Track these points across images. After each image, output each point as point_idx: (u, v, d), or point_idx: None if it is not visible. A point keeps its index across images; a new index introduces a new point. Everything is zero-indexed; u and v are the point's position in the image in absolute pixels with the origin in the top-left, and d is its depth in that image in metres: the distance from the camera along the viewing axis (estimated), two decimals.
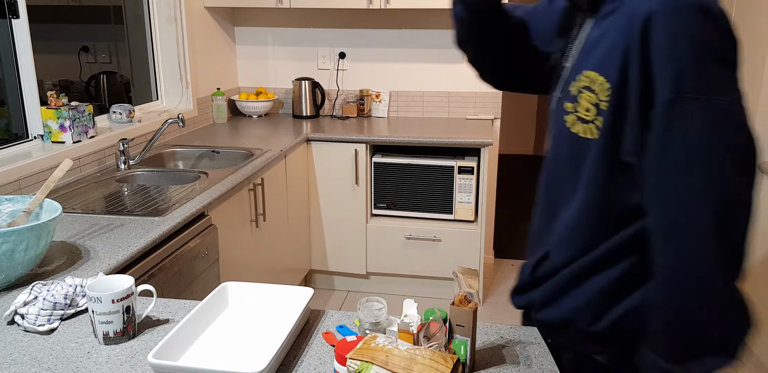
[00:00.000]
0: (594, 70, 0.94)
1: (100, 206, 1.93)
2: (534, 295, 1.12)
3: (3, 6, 2.09)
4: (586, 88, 0.96)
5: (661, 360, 0.96)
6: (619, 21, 0.92)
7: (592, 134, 0.96)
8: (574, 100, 0.99)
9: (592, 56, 0.96)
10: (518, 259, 3.79)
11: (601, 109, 0.94)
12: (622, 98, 0.91)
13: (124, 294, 1.11)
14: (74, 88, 3.07)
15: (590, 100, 0.95)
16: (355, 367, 0.92)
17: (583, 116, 0.97)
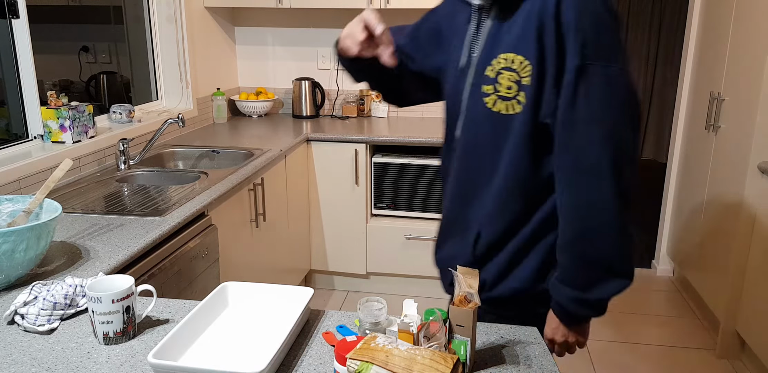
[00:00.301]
0: (511, 52, 1.09)
1: (100, 206, 1.93)
2: (485, 274, 1.21)
3: (3, 6, 2.09)
4: (505, 69, 1.09)
5: (573, 290, 1.13)
6: (527, 10, 1.07)
7: (514, 110, 1.10)
8: (494, 81, 1.11)
9: (503, 42, 1.10)
10: None
11: (522, 85, 1.09)
12: (542, 70, 1.07)
13: (124, 294, 1.11)
14: (74, 88, 3.07)
15: (511, 78, 1.09)
16: (355, 367, 0.92)
17: (504, 94, 1.10)
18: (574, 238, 1.11)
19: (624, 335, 2.89)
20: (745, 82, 2.56)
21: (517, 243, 1.18)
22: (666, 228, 3.52)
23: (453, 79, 1.23)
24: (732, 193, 2.63)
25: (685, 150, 3.32)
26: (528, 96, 1.08)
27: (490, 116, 1.13)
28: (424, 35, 1.32)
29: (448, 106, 1.26)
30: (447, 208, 1.28)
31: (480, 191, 1.19)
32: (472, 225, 1.21)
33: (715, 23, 2.97)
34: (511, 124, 1.11)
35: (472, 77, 1.16)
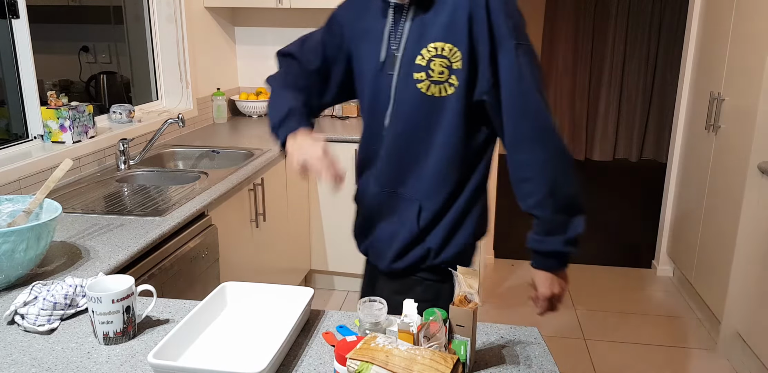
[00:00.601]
0: (440, 41, 1.22)
1: (100, 206, 1.93)
2: (429, 244, 1.34)
3: (3, 6, 2.08)
4: (436, 56, 1.23)
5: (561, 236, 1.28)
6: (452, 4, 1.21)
7: (446, 92, 1.24)
8: (426, 68, 1.24)
9: (430, 33, 1.23)
10: (518, 259, 3.79)
11: (453, 69, 1.23)
12: (473, 54, 1.21)
13: (124, 294, 1.11)
14: (74, 88, 3.07)
15: (442, 64, 1.23)
16: (355, 367, 0.92)
17: (437, 79, 1.24)
18: (549, 191, 1.25)
19: (624, 335, 2.89)
20: (745, 82, 2.56)
21: (456, 211, 1.33)
22: (666, 228, 3.52)
23: (372, 75, 1.33)
24: (732, 193, 2.63)
25: (685, 150, 3.32)
26: (460, 78, 1.23)
27: (425, 100, 1.26)
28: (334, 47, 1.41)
29: (370, 99, 1.35)
30: (374, 193, 1.38)
31: (415, 169, 1.31)
32: (411, 201, 1.33)
33: (715, 23, 2.97)
34: (444, 105, 1.25)
35: (399, 68, 1.27)
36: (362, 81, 1.37)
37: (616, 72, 6.25)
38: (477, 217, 1.36)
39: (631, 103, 6.34)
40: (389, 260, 1.39)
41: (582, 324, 2.98)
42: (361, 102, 1.40)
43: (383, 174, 1.36)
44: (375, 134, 1.36)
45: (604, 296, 3.30)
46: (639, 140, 6.43)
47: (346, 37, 1.38)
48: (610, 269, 3.68)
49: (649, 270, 3.65)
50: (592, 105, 6.41)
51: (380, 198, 1.38)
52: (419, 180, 1.32)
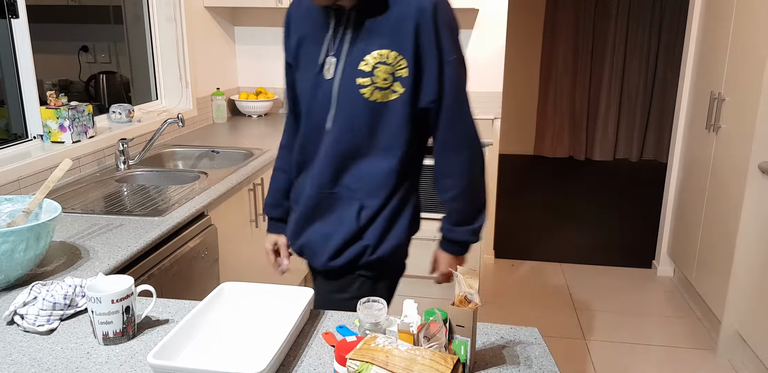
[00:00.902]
0: (385, 49, 1.26)
1: (100, 206, 1.93)
2: (366, 241, 1.40)
3: (3, 6, 2.08)
4: (380, 63, 1.27)
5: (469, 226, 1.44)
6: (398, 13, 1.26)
7: (388, 97, 1.29)
8: (370, 74, 1.28)
9: (375, 41, 1.27)
10: (518, 259, 3.79)
11: (397, 77, 1.28)
12: (419, 63, 1.27)
13: (124, 294, 1.11)
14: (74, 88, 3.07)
15: (386, 71, 1.27)
16: (355, 367, 0.92)
17: (381, 85, 1.28)
18: (466, 187, 1.40)
19: (624, 335, 2.89)
20: (746, 82, 2.56)
21: (392, 208, 1.40)
22: (666, 228, 3.52)
23: (312, 78, 1.35)
24: (732, 193, 2.63)
25: (686, 150, 3.32)
26: (405, 85, 1.28)
27: (368, 105, 1.30)
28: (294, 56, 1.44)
29: (310, 102, 1.37)
30: (310, 194, 1.40)
31: (356, 170, 1.36)
32: (350, 201, 1.38)
33: (716, 23, 2.96)
34: (388, 110, 1.30)
35: (342, 72, 1.30)
36: (302, 84, 1.39)
37: (616, 72, 6.25)
38: (411, 213, 1.45)
39: (632, 103, 6.34)
40: (326, 258, 1.42)
41: (582, 324, 2.98)
42: (301, 104, 1.41)
43: (321, 176, 1.38)
44: (314, 136, 1.39)
45: (604, 296, 3.29)
46: (639, 140, 6.43)
47: (294, 43, 1.40)
48: (610, 269, 3.68)
49: (649, 270, 3.65)
50: (593, 105, 6.41)
51: (317, 199, 1.40)
52: (361, 181, 1.37)
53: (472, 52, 3.43)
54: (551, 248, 3.99)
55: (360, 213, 1.38)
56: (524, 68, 6.46)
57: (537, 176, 5.86)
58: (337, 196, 1.39)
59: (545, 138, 6.58)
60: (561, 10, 6.16)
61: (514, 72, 6.44)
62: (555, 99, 6.44)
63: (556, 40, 6.25)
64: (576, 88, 6.38)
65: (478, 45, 3.41)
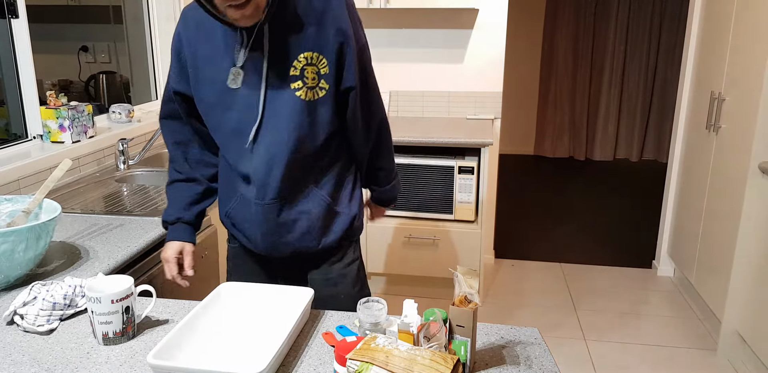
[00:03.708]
0: (308, 51, 1.32)
1: (100, 206, 1.92)
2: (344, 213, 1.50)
3: (3, 6, 2.08)
4: (308, 64, 1.33)
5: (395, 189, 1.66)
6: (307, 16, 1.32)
7: (318, 95, 1.36)
8: (301, 77, 1.33)
9: (297, 46, 1.32)
10: (518, 259, 3.79)
11: (321, 74, 1.34)
12: (341, 57, 1.35)
13: (124, 294, 1.11)
14: (73, 88, 3.07)
15: (313, 71, 1.34)
16: (355, 367, 0.91)
17: (310, 85, 1.34)
18: (389, 155, 1.58)
19: (624, 335, 2.89)
20: (746, 81, 2.56)
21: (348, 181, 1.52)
22: (666, 228, 3.52)
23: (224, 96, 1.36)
24: (733, 193, 2.63)
25: (686, 150, 3.32)
26: (329, 81, 1.36)
27: (304, 105, 1.35)
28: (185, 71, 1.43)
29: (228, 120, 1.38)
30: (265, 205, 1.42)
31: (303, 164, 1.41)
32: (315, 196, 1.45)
33: (716, 23, 2.96)
34: (319, 106, 1.37)
35: (267, 80, 1.33)
36: (212, 104, 1.38)
37: (616, 72, 6.25)
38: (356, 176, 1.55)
39: (632, 103, 6.34)
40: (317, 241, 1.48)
41: (582, 324, 2.98)
42: (213, 125, 1.41)
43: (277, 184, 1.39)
44: (242, 152, 1.39)
45: (604, 296, 3.29)
46: (639, 140, 6.43)
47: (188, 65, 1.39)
48: (610, 269, 3.67)
49: (650, 270, 3.65)
50: (593, 105, 6.41)
51: (276, 206, 1.42)
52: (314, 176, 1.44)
53: (472, 52, 3.43)
54: (551, 248, 3.99)
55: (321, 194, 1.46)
56: (524, 68, 6.46)
57: (537, 176, 5.86)
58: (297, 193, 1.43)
59: (545, 138, 6.58)
60: (561, 10, 6.16)
61: (514, 72, 6.44)
62: (555, 99, 6.44)
63: (556, 40, 6.25)
64: (576, 88, 6.38)
65: (478, 45, 3.41)
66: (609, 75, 6.26)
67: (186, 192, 1.53)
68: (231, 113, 1.37)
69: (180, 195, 1.53)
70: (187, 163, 1.53)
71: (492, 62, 3.43)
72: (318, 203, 1.45)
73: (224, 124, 1.39)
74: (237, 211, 1.47)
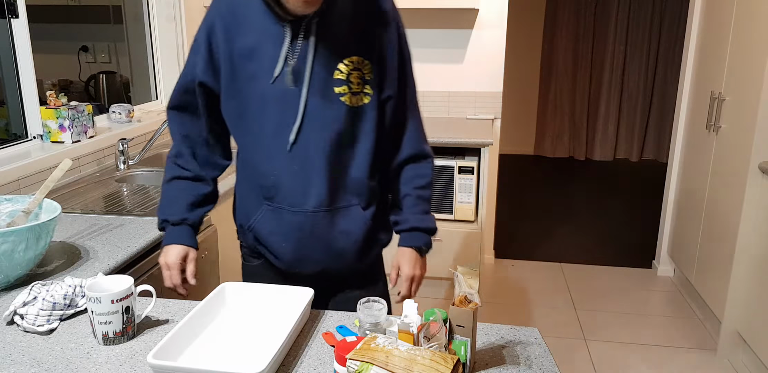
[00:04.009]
0: (354, 55, 1.27)
1: (100, 206, 1.92)
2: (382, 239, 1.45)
3: (3, 6, 2.08)
4: (354, 70, 1.28)
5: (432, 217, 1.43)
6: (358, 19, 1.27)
7: (363, 101, 1.30)
8: (346, 82, 1.28)
9: (344, 48, 1.27)
10: (518, 259, 3.79)
11: (366, 80, 1.29)
12: (382, 64, 1.31)
13: (124, 294, 1.11)
14: (73, 87, 3.07)
15: (358, 76, 1.29)
16: (355, 367, 0.91)
17: (355, 90, 1.29)
18: (432, 161, 1.43)
19: (624, 335, 2.89)
20: (746, 81, 2.56)
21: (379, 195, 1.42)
22: (666, 228, 3.52)
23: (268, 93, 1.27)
24: (732, 193, 2.63)
25: (686, 150, 3.32)
26: (373, 87, 1.31)
27: (348, 111, 1.29)
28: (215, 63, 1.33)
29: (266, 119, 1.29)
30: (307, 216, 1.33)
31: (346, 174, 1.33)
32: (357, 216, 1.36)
33: (716, 23, 2.96)
34: (364, 113, 1.31)
35: (310, 83, 1.27)
36: (249, 102, 1.29)
37: (616, 72, 6.25)
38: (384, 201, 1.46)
39: (632, 103, 6.34)
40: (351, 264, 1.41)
41: (582, 324, 2.98)
42: (246, 124, 1.32)
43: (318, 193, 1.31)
44: (278, 155, 1.30)
45: (604, 296, 3.29)
46: (639, 140, 6.43)
47: (221, 56, 1.30)
48: (610, 269, 3.67)
49: (650, 270, 3.65)
50: (593, 105, 6.41)
51: (313, 218, 1.32)
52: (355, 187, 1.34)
53: (472, 52, 3.43)
54: (551, 248, 3.99)
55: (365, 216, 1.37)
56: (524, 68, 6.46)
57: (537, 176, 5.86)
58: (336, 209, 1.34)
59: (545, 138, 6.58)
60: (561, 10, 6.16)
61: (514, 72, 6.44)
62: (555, 99, 6.44)
63: (556, 40, 6.25)
64: (576, 88, 6.38)
65: (478, 45, 3.41)
66: (609, 75, 6.26)
67: (191, 191, 1.41)
68: (270, 113, 1.28)
69: (184, 194, 1.41)
70: (195, 161, 1.42)
71: (492, 62, 3.43)
72: (360, 225, 1.36)
73: (261, 123, 1.29)
74: (264, 223, 1.37)
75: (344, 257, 1.38)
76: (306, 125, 1.28)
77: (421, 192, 1.40)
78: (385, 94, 1.33)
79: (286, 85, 1.27)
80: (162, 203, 1.42)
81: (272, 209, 1.34)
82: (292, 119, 1.28)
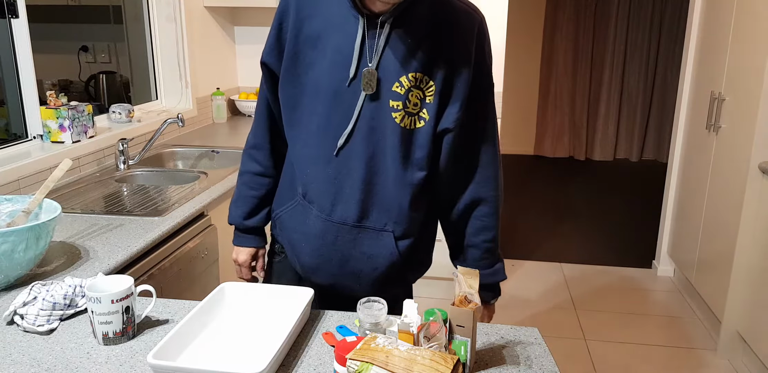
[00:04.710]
0: (419, 72, 1.16)
1: (100, 206, 1.92)
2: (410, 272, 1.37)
3: (3, 6, 2.08)
4: (414, 87, 1.17)
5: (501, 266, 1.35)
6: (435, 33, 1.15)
7: (417, 124, 1.19)
8: (404, 98, 1.17)
9: (411, 61, 1.15)
10: (518, 259, 3.79)
11: (425, 103, 1.18)
12: (448, 90, 1.17)
13: (124, 294, 1.11)
14: (73, 87, 3.07)
15: (418, 96, 1.17)
16: (355, 367, 0.91)
17: (411, 111, 1.18)
18: (497, 209, 1.30)
19: (624, 335, 2.89)
20: (746, 81, 2.56)
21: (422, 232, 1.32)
22: (666, 228, 3.52)
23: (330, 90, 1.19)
24: (732, 193, 2.63)
25: (686, 150, 3.32)
26: (430, 112, 1.18)
27: (396, 129, 1.18)
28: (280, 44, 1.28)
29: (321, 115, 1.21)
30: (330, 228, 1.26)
31: (383, 195, 1.24)
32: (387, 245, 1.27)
33: (716, 23, 2.96)
34: (415, 136, 1.20)
35: (370, 91, 1.17)
36: (305, 91, 1.22)
37: (616, 72, 6.25)
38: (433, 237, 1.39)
39: (632, 103, 6.34)
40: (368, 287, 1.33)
41: (582, 324, 2.98)
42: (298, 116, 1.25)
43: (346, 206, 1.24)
44: (324, 156, 1.23)
45: (604, 296, 3.29)
46: (639, 140, 6.43)
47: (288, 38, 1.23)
48: (610, 269, 3.67)
49: (650, 270, 3.65)
50: (593, 105, 6.41)
51: (339, 229, 1.26)
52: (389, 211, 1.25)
53: None
54: (551, 248, 3.99)
55: (395, 246, 1.28)
56: (524, 68, 6.46)
57: (537, 176, 5.86)
58: (364, 228, 1.26)
59: (545, 138, 6.58)
60: (561, 10, 6.16)
61: (514, 72, 6.44)
62: (555, 99, 6.43)
63: (556, 40, 6.25)
64: (576, 88, 6.38)
65: None
66: (609, 75, 6.26)
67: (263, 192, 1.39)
68: (322, 109, 1.20)
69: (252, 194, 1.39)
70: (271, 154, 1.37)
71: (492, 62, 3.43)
72: (386, 253, 1.27)
73: (310, 118, 1.22)
74: (290, 215, 1.32)
75: (360, 280, 1.31)
76: (357, 132, 1.19)
77: (489, 245, 1.30)
78: (443, 126, 1.19)
79: (345, 84, 1.18)
80: (234, 199, 1.43)
81: (303, 205, 1.30)
82: (345, 122, 1.19)
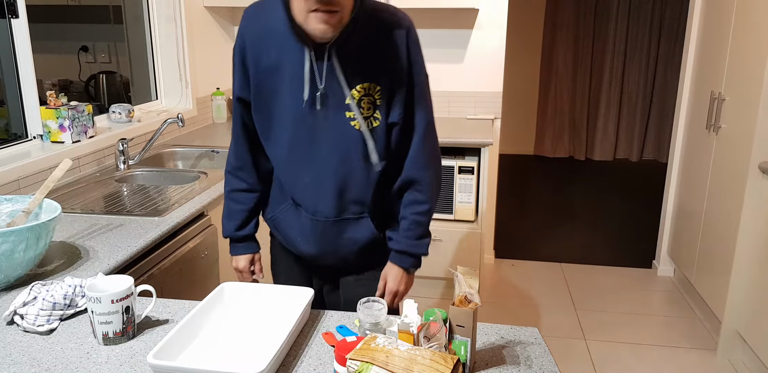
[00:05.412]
0: (366, 82, 1.33)
1: (100, 206, 1.92)
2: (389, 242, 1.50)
3: (3, 6, 2.08)
4: (364, 95, 1.34)
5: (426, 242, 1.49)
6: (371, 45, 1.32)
7: (372, 125, 1.37)
8: (357, 107, 1.34)
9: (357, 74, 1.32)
10: (518, 259, 3.79)
11: (376, 105, 1.36)
12: (392, 89, 1.35)
13: (124, 294, 1.11)
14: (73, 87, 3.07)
15: (369, 101, 1.35)
16: (355, 367, 0.91)
17: (365, 115, 1.36)
18: (434, 204, 1.47)
19: (624, 335, 2.89)
20: (746, 81, 2.56)
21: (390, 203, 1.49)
22: (666, 228, 3.52)
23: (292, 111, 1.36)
24: (733, 193, 2.63)
25: (686, 150, 3.32)
26: (382, 112, 1.37)
27: (357, 135, 1.36)
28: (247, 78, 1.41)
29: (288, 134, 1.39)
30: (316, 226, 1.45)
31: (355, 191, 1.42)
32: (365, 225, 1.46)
33: (716, 23, 2.96)
34: (374, 134, 1.38)
35: (325, 107, 1.34)
36: (274, 115, 1.39)
37: (616, 72, 6.25)
38: None
39: (632, 103, 6.34)
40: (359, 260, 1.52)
41: (582, 324, 2.98)
42: (273, 136, 1.42)
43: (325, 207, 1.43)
44: (299, 170, 1.42)
45: (604, 296, 3.29)
46: (639, 140, 6.43)
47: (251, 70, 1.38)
48: (610, 269, 3.67)
49: (650, 270, 3.65)
50: (593, 105, 6.41)
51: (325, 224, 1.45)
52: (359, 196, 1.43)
53: (472, 52, 3.43)
54: (551, 248, 3.99)
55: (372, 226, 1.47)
56: (524, 68, 6.46)
57: (537, 176, 5.86)
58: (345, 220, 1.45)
59: (545, 138, 6.58)
60: (561, 10, 6.16)
61: (514, 72, 6.44)
62: (555, 99, 6.43)
63: (556, 40, 6.25)
64: (576, 88, 6.38)
65: (478, 45, 3.41)
66: (609, 75, 6.26)
67: (247, 204, 1.54)
68: (288, 129, 1.38)
69: (240, 208, 1.54)
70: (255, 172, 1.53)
71: (492, 62, 3.43)
72: (366, 234, 1.47)
73: (282, 138, 1.40)
74: (284, 216, 1.50)
75: (352, 255, 1.51)
76: (318, 144, 1.38)
77: (418, 217, 1.45)
78: (391, 120, 1.38)
79: (303, 106, 1.35)
80: (225, 214, 1.57)
81: (294, 207, 1.48)
82: (311, 138, 1.37)
